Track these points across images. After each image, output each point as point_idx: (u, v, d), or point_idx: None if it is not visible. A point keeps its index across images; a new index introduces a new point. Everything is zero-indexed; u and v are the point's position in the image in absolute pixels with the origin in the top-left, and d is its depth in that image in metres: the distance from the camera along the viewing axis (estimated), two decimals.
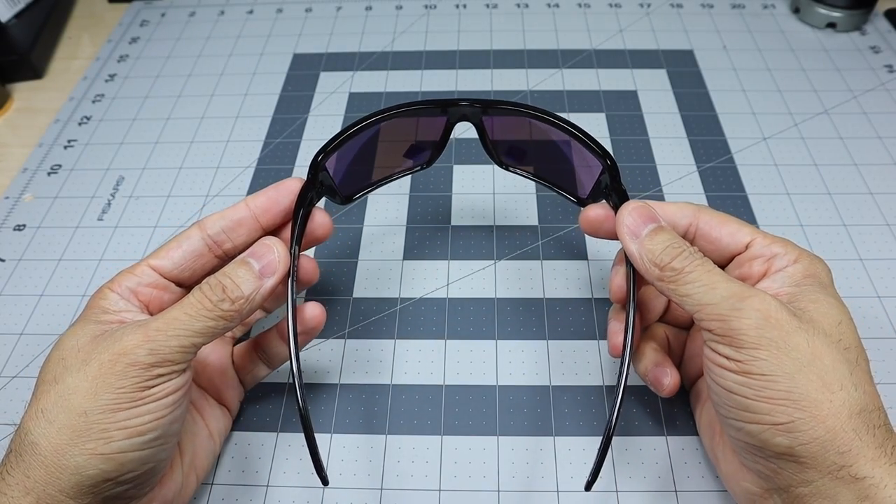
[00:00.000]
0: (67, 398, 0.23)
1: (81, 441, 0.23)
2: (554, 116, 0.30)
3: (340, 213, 0.42)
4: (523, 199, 0.42)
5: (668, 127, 0.47)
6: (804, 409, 0.22)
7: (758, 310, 0.23)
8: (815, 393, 0.22)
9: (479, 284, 0.38)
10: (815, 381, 0.22)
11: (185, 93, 0.52)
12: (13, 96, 0.53)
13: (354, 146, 0.31)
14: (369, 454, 0.31)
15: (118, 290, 0.27)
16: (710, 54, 0.52)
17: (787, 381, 0.23)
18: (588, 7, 0.58)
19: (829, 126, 0.46)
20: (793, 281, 0.26)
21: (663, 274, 0.26)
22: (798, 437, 0.22)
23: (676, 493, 0.30)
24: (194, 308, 0.25)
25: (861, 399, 0.22)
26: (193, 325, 0.25)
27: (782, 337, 0.23)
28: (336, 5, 0.60)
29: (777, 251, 0.27)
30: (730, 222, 0.28)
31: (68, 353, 0.24)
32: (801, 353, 0.23)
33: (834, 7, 0.53)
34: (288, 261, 0.27)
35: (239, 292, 0.26)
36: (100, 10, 0.62)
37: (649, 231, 0.27)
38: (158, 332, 0.24)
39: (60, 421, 0.23)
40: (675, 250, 0.26)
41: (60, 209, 0.44)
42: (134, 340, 0.24)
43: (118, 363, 0.23)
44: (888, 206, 0.41)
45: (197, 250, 0.28)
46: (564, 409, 0.33)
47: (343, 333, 0.36)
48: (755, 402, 0.23)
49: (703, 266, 0.25)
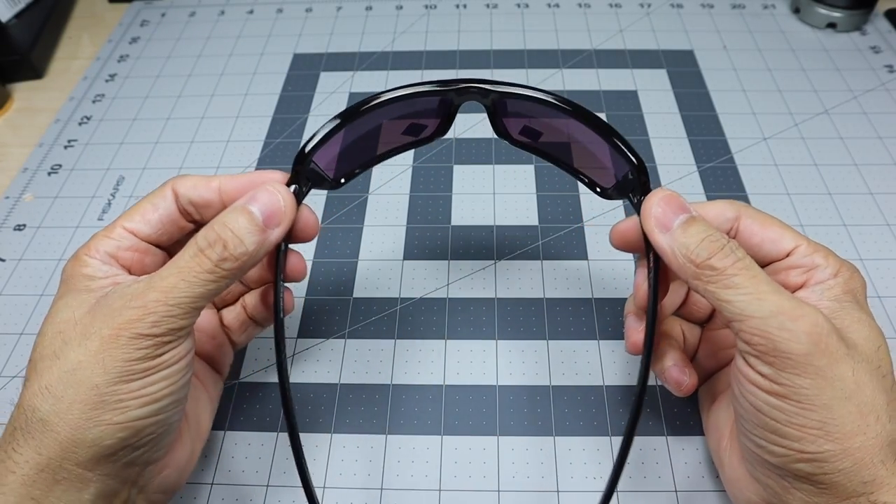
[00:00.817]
0: (73, 373, 0.22)
1: (97, 414, 0.22)
2: (579, 110, 0.27)
3: (341, 213, 0.42)
4: (523, 199, 0.42)
5: (669, 127, 0.47)
6: (836, 441, 0.21)
7: (809, 333, 0.21)
8: (851, 426, 0.21)
9: (479, 284, 0.38)
10: (853, 413, 0.21)
11: (185, 93, 0.52)
12: (13, 96, 0.53)
13: (348, 132, 0.28)
14: (369, 454, 0.31)
15: (97, 255, 0.25)
16: (711, 54, 0.52)
17: (824, 412, 0.21)
18: (588, 7, 0.58)
19: (830, 126, 0.46)
20: (832, 295, 0.24)
21: (700, 272, 0.23)
22: (823, 468, 0.21)
23: (676, 493, 0.30)
24: (193, 272, 0.23)
25: (894, 430, 0.22)
26: (194, 290, 0.23)
27: (829, 365, 0.21)
28: (336, 5, 0.60)
29: (818, 262, 0.25)
30: (773, 225, 0.26)
31: (65, 326, 0.23)
32: (844, 384, 0.21)
33: (834, 7, 0.53)
34: (294, 207, 0.26)
35: (242, 248, 0.24)
36: (100, 10, 0.62)
37: (682, 222, 0.24)
38: (158, 303, 0.23)
39: (70, 396, 0.22)
40: (714, 245, 0.23)
41: (60, 209, 0.44)
42: (133, 314, 0.22)
43: (120, 337, 0.22)
44: (888, 206, 0.41)
45: (173, 215, 0.27)
46: (564, 409, 0.33)
47: (343, 333, 0.36)
48: (785, 428, 0.22)
49: (748, 270, 0.23)
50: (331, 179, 0.29)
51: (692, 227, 0.24)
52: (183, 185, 0.27)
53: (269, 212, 0.25)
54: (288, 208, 0.25)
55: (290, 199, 0.25)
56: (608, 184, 0.29)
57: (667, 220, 0.24)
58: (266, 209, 0.25)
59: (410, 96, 0.28)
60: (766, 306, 0.22)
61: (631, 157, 0.26)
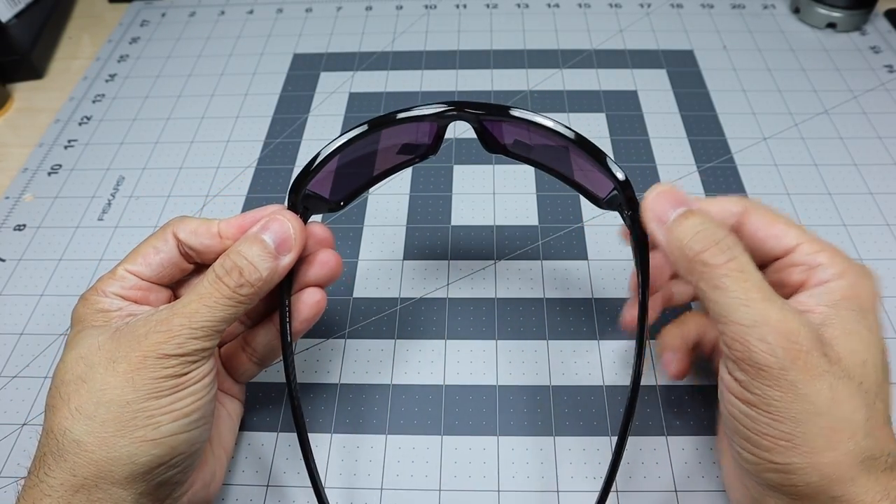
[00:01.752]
0: (102, 393, 0.23)
1: (129, 430, 0.23)
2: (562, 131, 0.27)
3: (341, 213, 0.42)
4: (523, 199, 0.42)
5: (669, 127, 0.47)
6: (804, 455, 0.21)
7: (787, 349, 0.21)
8: (821, 441, 0.21)
9: (479, 284, 0.38)
10: (824, 429, 0.21)
11: (185, 93, 0.52)
12: (13, 96, 0.53)
13: (342, 157, 0.29)
14: (369, 454, 0.31)
15: (105, 294, 0.26)
16: (711, 54, 0.52)
17: (793, 425, 0.21)
18: (588, 7, 0.58)
19: (830, 126, 0.46)
20: (831, 300, 0.23)
21: (692, 266, 0.23)
22: (791, 479, 0.21)
23: (676, 493, 0.30)
24: (213, 298, 0.24)
25: (869, 447, 0.21)
26: (215, 314, 0.24)
27: (804, 381, 0.21)
28: (336, 5, 0.60)
29: (821, 261, 0.24)
30: (778, 222, 0.25)
31: (88, 352, 0.24)
32: (818, 400, 0.21)
33: (834, 7, 0.53)
34: (303, 231, 0.27)
35: (257, 274, 0.25)
36: (100, 10, 0.62)
37: (678, 215, 0.24)
38: (182, 326, 0.24)
39: (101, 416, 0.23)
40: (708, 238, 0.23)
41: (60, 209, 0.44)
42: (159, 338, 0.23)
43: (148, 358, 0.23)
44: (888, 206, 0.41)
45: (174, 258, 0.27)
46: (564, 409, 0.33)
47: (343, 333, 0.36)
48: (755, 436, 0.22)
49: (740, 271, 0.22)
50: (330, 202, 0.30)
51: (688, 221, 0.24)
52: (183, 231, 0.27)
53: (280, 239, 0.26)
54: (297, 233, 0.26)
55: (299, 224, 0.27)
56: (602, 193, 0.29)
57: (664, 213, 0.24)
58: (277, 237, 0.26)
59: (397, 122, 0.29)
60: (750, 314, 0.22)
61: (616, 175, 0.26)
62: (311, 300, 0.28)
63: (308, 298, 0.28)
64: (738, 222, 0.26)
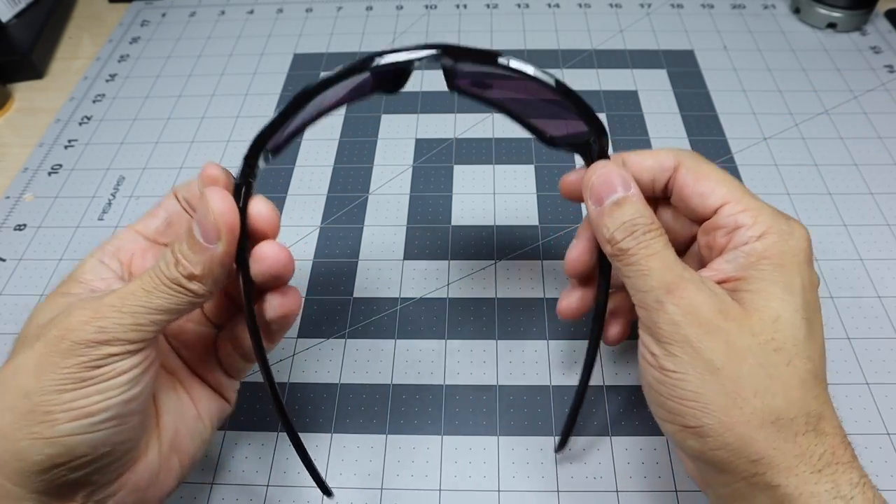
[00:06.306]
0: (14, 377, 0.21)
1: (26, 424, 0.21)
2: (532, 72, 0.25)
3: (341, 213, 0.42)
4: (523, 199, 0.42)
5: (669, 127, 0.47)
6: (712, 413, 0.21)
7: (678, 305, 0.22)
8: (724, 399, 0.21)
9: (479, 284, 0.38)
10: (727, 385, 0.21)
11: (185, 93, 0.52)
12: (14, 96, 0.53)
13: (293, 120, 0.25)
14: (369, 454, 0.31)
15: (99, 255, 0.25)
16: (711, 54, 0.52)
17: (698, 383, 0.21)
18: (588, 7, 0.58)
19: (830, 126, 0.46)
20: (748, 262, 0.23)
21: (613, 251, 0.24)
22: (708, 443, 0.21)
23: (676, 493, 0.30)
24: (152, 282, 0.22)
25: (779, 407, 0.21)
26: (151, 301, 0.22)
27: (699, 336, 0.21)
28: (336, 5, 0.60)
29: (743, 222, 0.24)
30: (706, 179, 0.25)
31: (31, 328, 0.23)
32: (714, 356, 0.21)
33: (834, 7, 0.53)
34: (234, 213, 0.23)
35: (190, 269, 0.22)
36: (100, 10, 0.62)
37: (611, 203, 0.24)
38: (112, 307, 0.21)
39: (6, 401, 0.21)
40: (629, 228, 0.23)
41: (61, 209, 0.44)
42: (83, 316, 0.21)
43: (64, 340, 0.21)
44: (888, 206, 0.41)
45: (180, 214, 0.27)
46: (564, 409, 0.33)
47: (343, 333, 0.36)
48: (668, 401, 0.22)
49: (646, 248, 0.23)
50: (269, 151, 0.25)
51: (619, 210, 0.24)
52: (183, 189, 0.27)
53: (204, 229, 0.23)
54: (222, 220, 0.23)
55: (222, 206, 0.23)
56: (558, 132, 0.27)
57: (601, 195, 0.24)
58: (202, 227, 0.23)
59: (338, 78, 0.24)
60: (649, 281, 0.23)
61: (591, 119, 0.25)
62: (273, 301, 0.25)
63: (272, 300, 0.25)
64: (671, 178, 0.26)
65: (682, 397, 0.22)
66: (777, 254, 0.23)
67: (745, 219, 0.24)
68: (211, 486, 0.31)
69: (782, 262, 0.23)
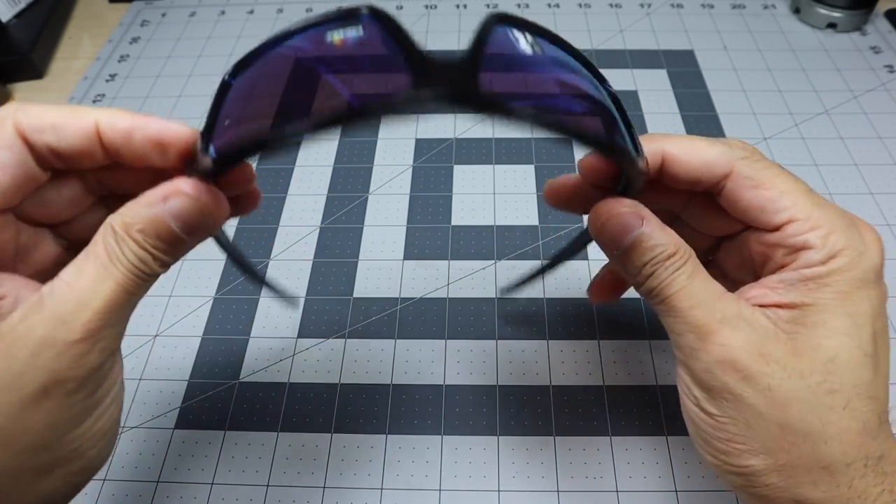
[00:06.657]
0: None
1: None
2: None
3: (341, 213, 0.42)
4: (523, 199, 0.42)
5: (669, 127, 0.47)
6: (760, 457, 0.20)
7: (711, 353, 0.20)
8: (771, 443, 0.20)
9: (479, 284, 0.38)
10: (773, 431, 0.20)
11: (185, 93, 0.52)
12: (14, 96, 0.53)
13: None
14: (369, 454, 0.31)
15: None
16: (711, 54, 0.52)
17: (743, 428, 0.20)
18: (588, 7, 0.58)
19: (830, 126, 0.46)
20: (808, 289, 0.21)
21: (642, 293, 0.22)
22: (752, 481, 0.21)
23: (676, 493, 0.30)
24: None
25: (832, 454, 0.20)
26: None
27: (737, 383, 0.20)
28: (336, 5, 0.60)
29: (812, 243, 0.21)
30: (768, 188, 0.21)
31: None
32: (757, 401, 0.20)
33: (834, 7, 0.53)
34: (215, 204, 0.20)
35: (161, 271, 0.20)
36: (100, 10, 0.62)
37: (624, 250, 0.22)
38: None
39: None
40: (651, 268, 0.21)
41: None
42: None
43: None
44: (888, 206, 0.41)
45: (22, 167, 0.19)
46: (565, 409, 0.33)
47: (343, 333, 0.36)
48: (712, 440, 0.22)
49: (669, 285, 0.21)
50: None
51: (634, 254, 0.21)
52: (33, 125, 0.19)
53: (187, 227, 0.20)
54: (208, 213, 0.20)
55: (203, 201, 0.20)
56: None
57: (615, 242, 0.22)
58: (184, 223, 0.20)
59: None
60: (680, 324, 0.21)
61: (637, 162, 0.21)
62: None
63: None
64: (721, 181, 0.22)
65: (728, 439, 0.21)
66: (844, 280, 0.20)
67: (814, 239, 0.21)
68: (211, 486, 0.31)
69: (850, 289, 0.20)
